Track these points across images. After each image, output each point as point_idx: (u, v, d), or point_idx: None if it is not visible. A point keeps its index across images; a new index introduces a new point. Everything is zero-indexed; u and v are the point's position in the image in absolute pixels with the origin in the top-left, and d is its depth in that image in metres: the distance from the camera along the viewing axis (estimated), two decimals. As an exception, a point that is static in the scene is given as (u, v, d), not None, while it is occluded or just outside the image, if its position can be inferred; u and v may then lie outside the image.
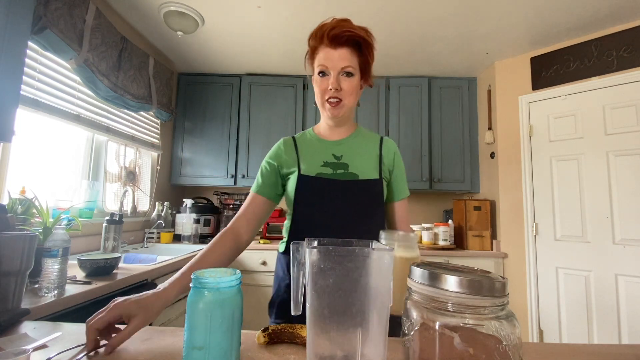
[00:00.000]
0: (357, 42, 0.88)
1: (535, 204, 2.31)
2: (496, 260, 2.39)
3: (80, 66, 1.65)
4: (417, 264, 0.49)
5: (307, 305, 0.45)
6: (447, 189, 2.72)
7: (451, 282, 0.42)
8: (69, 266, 1.04)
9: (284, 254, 0.96)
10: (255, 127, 2.79)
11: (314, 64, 0.93)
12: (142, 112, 2.32)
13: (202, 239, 2.56)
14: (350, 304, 0.43)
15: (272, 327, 0.64)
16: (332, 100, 0.89)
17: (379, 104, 2.79)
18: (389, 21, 2.08)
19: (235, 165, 2.77)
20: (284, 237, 0.99)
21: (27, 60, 1.37)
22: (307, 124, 2.77)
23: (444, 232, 2.45)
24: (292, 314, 0.55)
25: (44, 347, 0.58)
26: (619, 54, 2.03)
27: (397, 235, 0.68)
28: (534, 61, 2.37)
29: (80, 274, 1.24)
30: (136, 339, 0.63)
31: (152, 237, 2.40)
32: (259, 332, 0.63)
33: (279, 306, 0.92)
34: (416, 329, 0.43)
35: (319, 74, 0.90)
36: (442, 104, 2.79)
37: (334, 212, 0.88)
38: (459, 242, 2.54)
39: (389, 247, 0.47)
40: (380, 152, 0.98)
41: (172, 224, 2.65)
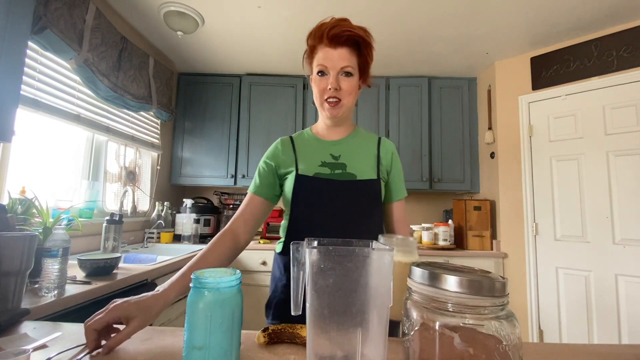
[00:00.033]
0: (357, 42, 0.88)
1: (535, 204, 2.31)
2: (496, 260, 2.39)
3: (80, 66, 1.65)
4: (417, 264, 0.49)
5: (307, 305, 0.45)
6: (447, 189, 2.72)
7: (451, 282, 0.42)
8: (69, 266, 1.04)
9: (281, 255, 0.96)
10: (255, 127, 2.79)
11: (312, 64, 0.92)
12: (142, 112, 2.33)
13: (202, 239, 2.56)
14: (350, 304, 0.43)
15: (272, 327, 0.64)
16: (331, 100, 0.88)
17: (379, 104, 2.79)
18: (389, 21, 2.08)
19: (235, 165, 2.77)
20: (281, 237, 0.98)
21: (27, 60, 1.37)
22: (307, 124, 2.77)
23: (444, 232, 2.45)
24: (292, 314, 0.55)
25: (44, 347, 0.58)
26: (619, 54, 2.03)
27: (395, 239, 0.67)
28: (534, 61, 2.37)
29: (80, 274, 1.24)
30: (136, 339, 0.63)
31: (152, 237, 2.40)
32: (259, 332, 0.63)
33: (276, 307, 0.91)
34: (416, 329, 0.43)
35: (317, 73, 0.89)
36: (442, 104, 2.79)
37: (331, 212, 0.88)
38: (459, 242, 2.54)
39: (389, 247, 0.47)
40: (378, 152, 0.98)
41: (172, 224, 2.65)
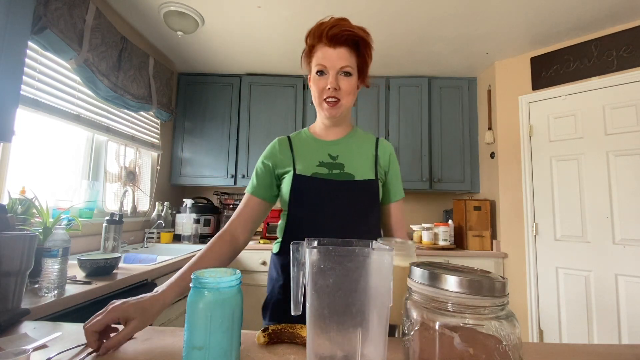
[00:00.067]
0: (356, 42, 0.88)
1: (535, 204, 2.31)
2: (496, 260, 2.39)
3: (80, 66, 1.65)
4: (417, 264, 0.49)
5: (307, 305, 0.45)
6: (447, 189, 2.72)
7: (451, 282, 0.42)
8: (69, 266, 1.04)
9: (277, 255, 0.95)
10: (255, 127, 2.79)
11: (311, 63, 0.91)
12: (142, 112, 2.32)
13: (202, 239, 2.56)
14: (350, 304, 0.43)
15: (272, 327, 0.63)
16: (330, 100, 0.88)
17: (379, 104, 2.79)
18: (389, 21, 2.08)
19: (235, 165, 2.77)
20: (278, 238, 0.97)
21: (27, 60, 1.37)
22: (307, 124, 2.76)
23: (444, 232, 2.45)
24: (292, 313, 0.55)
25: (44, 347, 0.58)
26: (619, 54, 2.03)
27: (394, 243, 0.67)
28: (534, 61, 2.37)
29: (80, 274, 1.24)
30: (136, 339, 0.63)
31: (152, 237, 2.40)
32: (259, 332, 0.63)
33: (273, 308, 0.91)
34: (416, 329, 0.43)
35: (316, 73, 0.89)
36: (442, 104, 2.79)
37: (329, 212, 0.87)
38: (459, 242, 2.54)
39: (389, 247, 0.47)
40: (376, 152, 0.97)
41: (172, 224, 2.65)
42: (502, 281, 0.41)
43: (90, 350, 0.56)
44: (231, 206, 2.84)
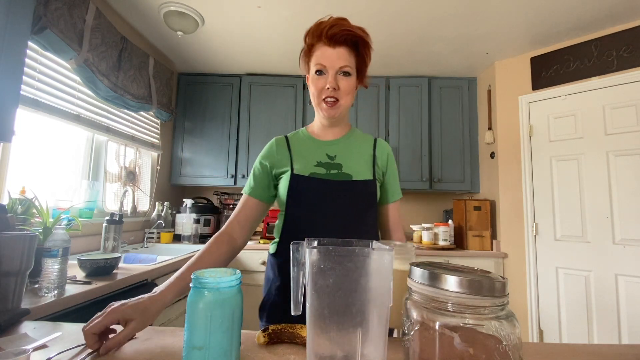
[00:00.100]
0: (355, 42, 0.88)
1: (535, 204, 2.31)
2: (496, 260, 2.39)
3: (80, 66, 1.65)
4: (417, 264, 0.49)
5: (307, 305, 0.45)
6: (447, 189, 2.72)
7: (451, 282, 0.42)
8: (69, 266, 1.04)
9: (274, 256, 0.94)
10: (255, 127, 2.79)
11: (310, 63, 0.91)
12: (142, 112, 2.32)
13: (202, 239, 2.56)
14: (350, 304, 0.43)
15: (272, 327, 0.63)
16: (329, 100, 0.87)
17: (379, 104, 2.79)
18: (389, 21, 2.08)
19: (235, 165, 2.77)
20: (275, 238, 0.96)
21: (27, 60, 1.37)
22: (307, 124, 2.77)
23: (444, 232, 2.45)
24: (292, 313, 0.55)
25: (44, 347, 0.58)
26: (619, 54, 2.03)
27: (393, 245, 0.66)
28: (534, 61, 2.37)
29: (80, 274, 1.24)
30: (137, 339, 0.63)
31: (152, 237, 2.40)
32: (259, 332, 0.63)
33: (270, 309, 0.90)
34: (416, 329, 0.43)
35: (316, 72, 0.88)
36: (442, 104, 2.79)
37: (327, 212, 0.87)
38: (459, 242, 2.54)
39: (389, 247, 0.47)
40: (374, 153, 0.97)
41: (172, 224, 2.65)
42: (502, 281, 0.41)
43: (90, 350, 0.56)
44: (231, 206, 2.84)
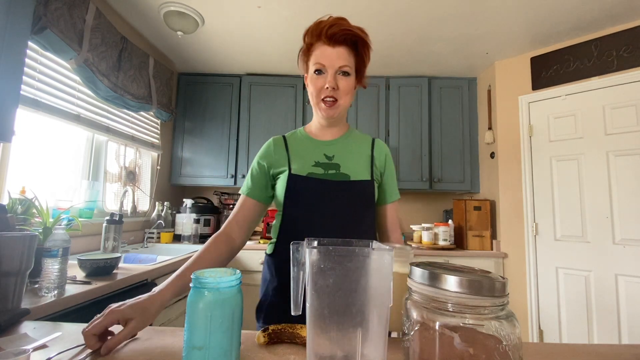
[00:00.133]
0: (355, 42, 0.87)
1: (535, 203, 2.31)
2: (496, 260, 2.39)
3: (80, 66, 1.65)
4: (416, 264, 0.49)
5: (307, 305, 0.45)
6: (447, 189, 2.72)
7: (451, 282, 0.41)
8: (69, 266, 1.04)
9: (272, 256, 0.93)
10: (255, 127, 2.79)
11: (309, 62, 0.90)
12: (142, 112, 2.32)
13: (202, 239, 2.55)
14: (350, 304, 0.43)
15: (272, 327, 0.63)
16: (328, 99, 0.87)
17: (379, 104, 2.78)
18: (389, 21, 2.08)
19: (235, 165, 2.77)
20: (272, 238, 0.96)
21: (27, 60, 1.37)
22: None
23: (444, 232, 2.45)
24: (292, 313, 0.55)
25: (44, 347, 0.58)
26: (619, 54, 2.03)
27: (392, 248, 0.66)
28: (534, 61, 2.37)
29: (80, 274, 1.24)
30: (136, 339, 0.63)
31: (152, 237, 2.40)
32: (259, 332, 0.63)
33: (268, 310, 0.90)
34: (416, 329, 0.43)
35: (315, 71, 0.88)
36: (442, 104, 2.79)
37: (325, 213, 0.86)
38: (459, 242, 2.54)
39: (389, 247, 0.47)
40: (372, 153, 0.96)
41: (172, 224, 2.65)
42: (502, 281, 0.41)
43: (90, 350, 0.56)
44: (231, 206, 2.84)
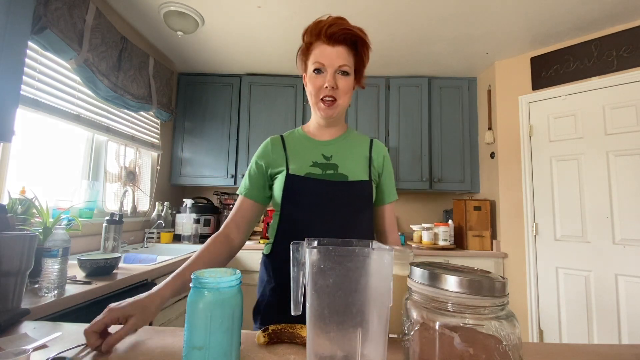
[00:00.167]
0: (354, 42, 0.87)
1: (535, 203, 2.31)
2: (496, 260, 2.39)
3: (80, 66, 1.65)
4: (417, 264, 0.49)
5: (307, 305, 0.45)
6: (447, 189, 2.72)
7: (451, 282, 0.41)
8: (69, 266, 1.04)
9: (269, 256, 0.92)
10: (255, 127, 2.79)
11: (308, 61, 0.90)
12: (142, 112, 2.32)
13: (202, 239, 2.55)
14: (350, 304, 0.43)
15: (272, 327, 0.63)
16: (327, 99, 0.87)
17: (379, 104, 2.78)
18: (389, 21, 2.08)
19: (235, 165, 2.77)
20: (269, 239, 0.95)
21: (27, 60, 1.37)
22: (307, 124, 2.77)
23: (444, 232, 2.45)
24: (292, 313, 0.55)
25: (44, 347, 0.58)
26: (619, 54, 2.03)
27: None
28: (534, 61, 2.37)
29: (80, 274, 1.24)
30: (136, 339, 0.63)
31: (152, 237, 2.39)
32: (259, 332, 0.63)
33: (265, 311, 0.89)
34: (416, 329, 0.43)
35: (314, 71, 0.87)
36: (442, 104, 2.79)
37: (322, 213, 0.86)
38: (459, 242, 2.54)
39: (389, 247, 0.47)
40: (370, 154, 0.96)
41: (172, 224, 2.64)
42: (502, 281, 0.41)
43: (89, 348, 0.57)
44: (231, 206, 2.84)
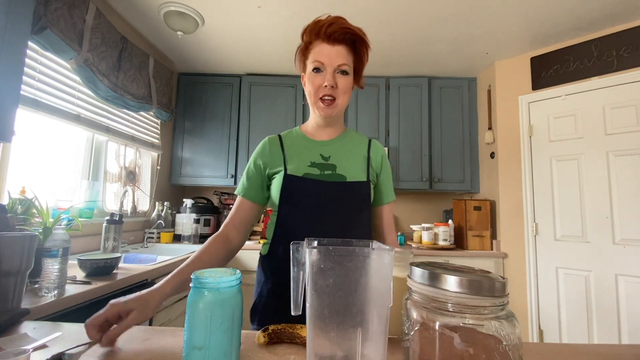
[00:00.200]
0: (354, 41, 0.87)
1: (535, 203, 2.31)
2: (496, 260, 2.39)
3: (80, 66, 1.65)
4: (417, 264, 0.49)
5: (307, 305, 0.45)
6: (447, 189, 2.72)
7: (451, 282, 0.41)
8: (69, 266, 1.04)
9: (266, 257, 0.92)
10: (255, 127, 2.79)
11: (307, 60, 0.89)
12: (142, 112, 2.32)
13: (202, 239, 2.55)
14: (350, 304, 0.43)
15: (272, 327, 0.63)
16: (327, 98, 0.86)
17: (379, 104, 2.78)
18: (389, 21, 2.08)
19: (235, 165, 2.77)
20: (267, 239, 0.94)
21: (27, 60, 1.37)
22: (307, 124, 2.77)
23: (444, 232, 2.45)
24: (292, 313, 0.55)
25: (44, 347, 0.58)
26: (619, 54, 2.03)
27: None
28: (534, 61, 2.37)
29: (80, 274, 1.24)
30: (136, 339, 0.63)
31: (152, 237, 2.40)
32: (259, 332, 0.63)
33: (262, 312, 0.88)
34: (416, 329, 0.43)
35: (313, 70, 0.87)
36: (442, 104, 2.79)
37: (320, 214, 0.86)
38: (459, 242, 2.54)
39: (389, 247, 0.47)
40: (368, 154, 0.96)
41: (172, 224, 2.64)
42: (502, 281, 0.41)
43: (89, 346, 0.57)
44: (231, 206, 2.84)
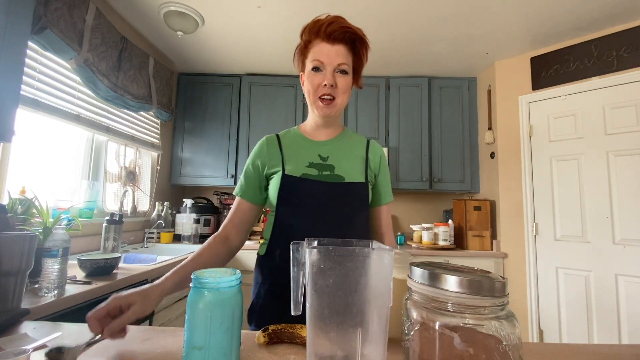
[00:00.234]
0: (353, 40, 0.87)
1: (535, 203, 2.31)
2: (496, 260, 2.39)
3: (80, 66, 1.65)
4: (417, 264, 0.49)
5: (307, 305, 0.45)
6: (447, 189, 2.72)
7: (451, 282, 0.41)
8: (69, 266, 1.04)
9: (264, 257, 0.91)
10: (255, 127, 2.79)
11: (306, 59, 0.89)
12: (142, 112, 2.32)
13: (202, 238, 2.55)
14: (350, 304, 0.43)
15: (272, 327, 0.64)
16: (326, 97, 0.86)
17: (379, 104, 2.78)
18: (389, 21, 2.08)
19: (235, 165, 2.77)
20: (264, 240, 0.94)
21: (27, 60, 1.37)
22: (307, 124, 2.77)
23: (444, 232, 2.45)
24: (292, 313, 0.55)
25: (44, 347, 0.58)
26: (619, 54, 2.03)
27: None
28: (534, 61, 2.37)
29: (80, 274, 1.24)
30: (136, 339, 0.63)
31: (152, 237, 2.40)
32: (259, 332, 0.63)
33: (260, 312, 0.88)
34: (416, 329, 0.43)
35: (312, 69, 0.86)
36: (442, 104, 2.79)
37: (318, 214, 0.85)
38: (459, 242, 2.54)
39: (389, 247, 0.47)
40: (366, 155, 0.95)
41: (172, 224, 2.64)
42: (502, 281, 0.41)
43: (90, 339, 0.57)
44: (231, 206, 2.84)
